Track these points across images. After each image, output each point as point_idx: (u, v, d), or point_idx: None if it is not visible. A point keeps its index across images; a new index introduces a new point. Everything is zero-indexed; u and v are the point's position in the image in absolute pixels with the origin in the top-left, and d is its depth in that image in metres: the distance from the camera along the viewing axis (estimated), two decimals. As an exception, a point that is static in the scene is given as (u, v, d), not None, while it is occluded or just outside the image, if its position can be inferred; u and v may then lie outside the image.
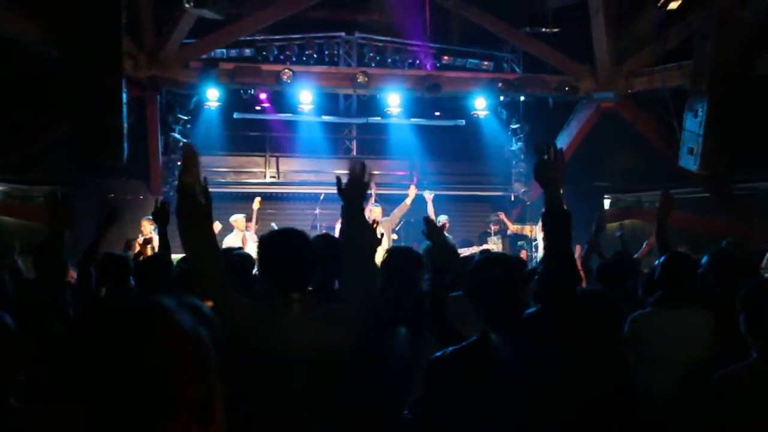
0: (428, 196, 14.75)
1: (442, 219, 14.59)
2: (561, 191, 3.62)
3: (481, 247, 14.50)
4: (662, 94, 14.44)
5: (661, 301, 4.82)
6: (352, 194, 3.82)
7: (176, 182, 3.51)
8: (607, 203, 18.61)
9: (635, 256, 8.12)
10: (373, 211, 13.90)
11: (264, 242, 3.66)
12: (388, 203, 15.54)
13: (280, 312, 3.42)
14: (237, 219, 14.39)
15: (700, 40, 12.82)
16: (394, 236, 14.44)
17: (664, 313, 4.73)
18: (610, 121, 16.41)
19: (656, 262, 5.14)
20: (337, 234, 6.58)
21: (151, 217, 13.24)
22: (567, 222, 3.55)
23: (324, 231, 14.85)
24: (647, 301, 5.08)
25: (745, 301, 3.46)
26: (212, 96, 15.20)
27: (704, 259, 4.72)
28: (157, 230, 7.88)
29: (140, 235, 13.22)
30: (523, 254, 15.53)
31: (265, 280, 3.57)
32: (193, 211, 3.29)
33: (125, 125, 11.92)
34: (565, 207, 3.56)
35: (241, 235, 14.05)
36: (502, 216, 16.37)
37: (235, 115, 17.08)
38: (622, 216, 17.88)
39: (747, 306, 3.45)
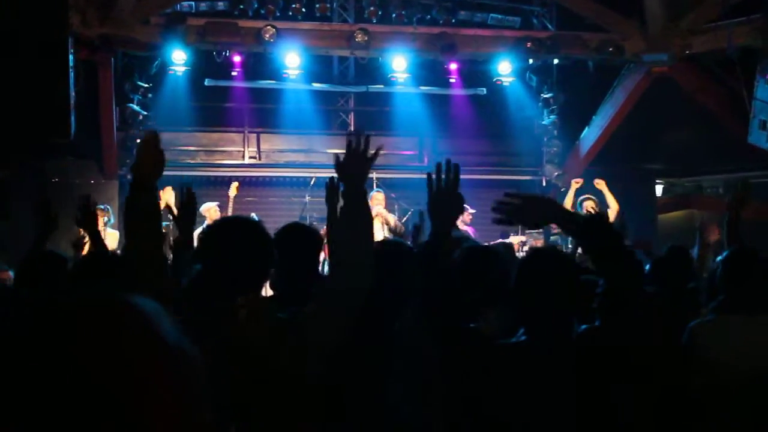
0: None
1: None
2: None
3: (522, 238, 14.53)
4: (728, 55, 14.38)
5: (722, 307, 4.84)
6: (353, 173, 3.74)
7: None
8: (659, 189, 18.55)
9: (696, 253, 8.01)
10: (374, 198, 13.76)
11: (204, 235, 3.71)
12: (393, 189, 15.43)
13: (219, 321, 3.37)
14: (209, 208, 14.21)
15: (775, -13, 12.73)
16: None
17: (727, 321, 4.76)
18: (664, 90, 16.21)
19: (717, 259, 5.22)
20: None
21: (104, 207, 13.23)
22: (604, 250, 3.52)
23: (314, 222, 14.84)
24: (708, 306, 5.14)
25: None
26: (178, 59, 15.14)
27: None
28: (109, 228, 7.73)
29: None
30: None
31: (206, 281, 3.52)
32: (145, 205, 3.40)
33: (72, 94, 11.63)
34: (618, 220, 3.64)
35: None
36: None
37: (207, 82, 16.93)
38: (677, 205, 17.83)
39: None
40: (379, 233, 13.68)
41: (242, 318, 3.33)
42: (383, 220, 13.71)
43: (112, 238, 13.13)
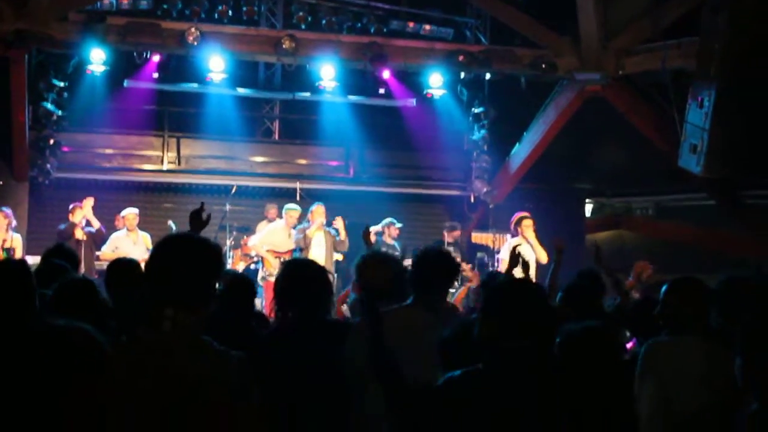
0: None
1: (385, 224, 14.59)
2: None
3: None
4: (660, 77, 14.70)
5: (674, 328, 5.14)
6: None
7: (46, 165, 3.57)
8: (589, 209, 18.77)
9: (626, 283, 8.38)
10: (314, 212, 14.05)
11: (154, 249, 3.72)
12: (318, 200, 15.44)
13: (142, 331, 3.42)
14: (128, 215, 14.33)
15: (708, 12, 12.89)
16: (338, 256, 14.51)
17: (680, 343, 5.03)
18: (596, 109, 16.47)
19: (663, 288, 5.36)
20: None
21: (5, 209, 13.15)
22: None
23: (234, 232, 14.87)
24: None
25: (743, 343, 3.60)
26: (97, 58, 14.92)
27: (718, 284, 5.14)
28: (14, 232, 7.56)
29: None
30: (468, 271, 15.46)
31: (147, 296, 3.54)
32: None
33: (-18, 92, 11.69)
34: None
35: (133, 236, 14.35)
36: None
37: (126, 84, 16.79)
38: (607, 225, 18.08)
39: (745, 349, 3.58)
40: (322, 248, 13.89)
41: (165, 328, 3.35)
42: (325, 234, 13.94)
43: (16, 242, 13.08)
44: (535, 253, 13.12)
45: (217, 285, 3.57)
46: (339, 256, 14.56)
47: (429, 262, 5.11)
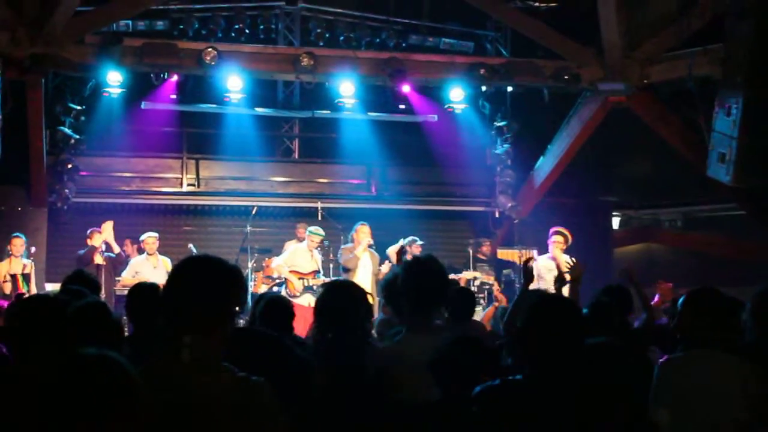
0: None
1: (407, 242, 14.50)
2: None
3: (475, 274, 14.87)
4: (686, 85, 14.52)
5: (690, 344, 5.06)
6: None
7: (65, 190, 3.53)
8: (616, 222, 18.63)
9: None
10: (359, 231, 14.12)
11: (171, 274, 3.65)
12: (339, 220, 15.69)
13: (163, 363, 3.37)
14: (148, 239, 14.31)
15: (734, 18, 12.88)
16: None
17: (695, 358, 4.94)
18: (621, 120, 16.48)
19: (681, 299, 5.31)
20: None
21: (21, 236, 13.23)
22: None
23: (256, 254, 14.79)
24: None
25: None
26: (114, 80, 14.98)
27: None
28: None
29: (9, 259, 13.16)
30: (496, 291, 15.37)
31: (164, 323, 3.52)
32: None
33: (-1, 116, 11.70)
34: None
35: (153, 261, 14.18)
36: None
37: (144, 105, 16.75)
38: (634, 238, 17.94)
39: None
40: (368, 269, 13.88)
41: (185, 359, 3.31)
42: (371, 256, 13.93)
43: (29, 269, 13.37)
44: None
45: (237, 308, 3.49)
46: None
47: (414, 274, 5.03)
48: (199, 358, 3.31)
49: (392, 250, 13.41)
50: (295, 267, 14.18)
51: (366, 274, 13.91)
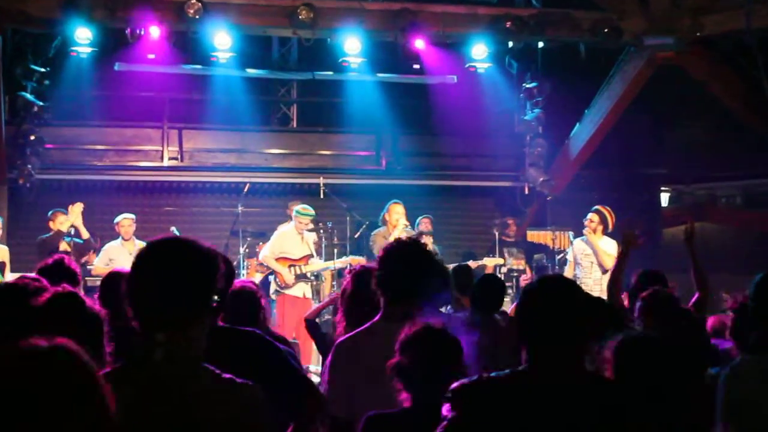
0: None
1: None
2: None
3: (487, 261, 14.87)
4: (746, 39, 14.47)
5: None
6: None
7: (27, 165, 3.40)
8: (665, 199, 18.45)
9: None
10: (392, 211, 14.35)
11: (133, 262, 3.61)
12: (345, 198, 15.99)
13: (134, 364, 3.43)
14: (123, 221, 14.37)
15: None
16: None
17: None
18: (670, 79, 16.38)
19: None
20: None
21: None
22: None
23: (249, 238, 14.62)
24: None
25: None
26: (82, 38, 14.85)
27: None
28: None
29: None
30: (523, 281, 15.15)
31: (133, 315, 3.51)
32: None
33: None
34: None
35: (129, 246, 14.17)
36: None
37: (117, 67, 16.54)
38: (686, 217, 17.77)
39: None
40: None
41: (158, 359, 3.31)
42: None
43: (4, 255, 13.58)
44: (597, 257, 12.68)
45: (215, 297, 3.48)
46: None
47: (393, 256, 5.08)
48: (175, 358, 3.33)
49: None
50: (284, 253, 14.02)
51: None
